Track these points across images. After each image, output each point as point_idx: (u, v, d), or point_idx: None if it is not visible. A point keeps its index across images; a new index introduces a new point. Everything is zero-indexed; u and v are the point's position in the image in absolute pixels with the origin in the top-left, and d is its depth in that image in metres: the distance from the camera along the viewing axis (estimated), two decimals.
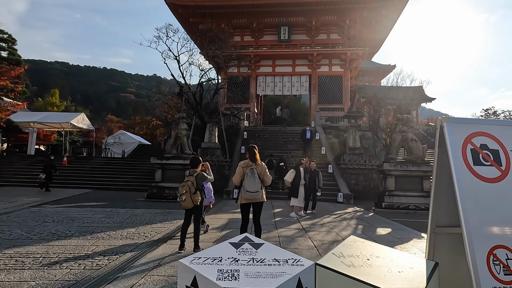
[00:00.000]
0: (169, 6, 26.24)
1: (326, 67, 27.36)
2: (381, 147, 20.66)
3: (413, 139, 13.21)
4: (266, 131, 22.57)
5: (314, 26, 27.01)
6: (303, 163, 10.78)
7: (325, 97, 27.04)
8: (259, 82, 27.86)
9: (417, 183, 12.90)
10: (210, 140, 19.45)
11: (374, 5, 25.03)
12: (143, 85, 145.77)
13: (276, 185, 16.61)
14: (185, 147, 14.22)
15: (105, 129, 51.30)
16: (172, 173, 14.06)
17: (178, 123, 14.33)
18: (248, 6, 25.85)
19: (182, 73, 19.33)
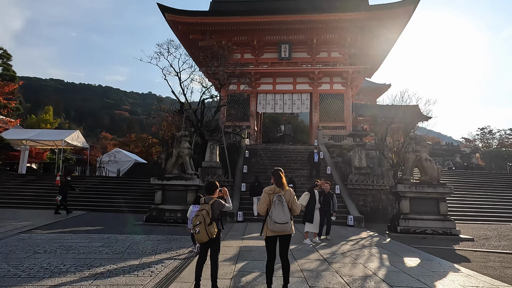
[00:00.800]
0: (169, 23, 25.98)
1: (327, 85, 27.08)
2: (388, 167, 20.08)
3: (427, 159, 12.62)
4: (268, 150, 21.92)
5: (315, 44, 26.88)
6: (318, 185, 10.09)
7: (326, 115, 26.62)
8: (259, 99, 27.42)
9: (433, 205, 12.22)
10: (211, 159, 18.73)
11: (375, 23, 25.02)
12: (138, 103, 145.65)
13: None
14: (187, 166, 13.47)
15: (99, 146, 50.32)
16: (173, 194, 13.25)
17: (180, 141, 13.64)
18: (248, 23, 25.71)
19: (183, 89, 18.80)
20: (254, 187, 15.51)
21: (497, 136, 59.44)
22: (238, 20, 25.37)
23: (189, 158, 13.64)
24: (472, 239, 11.01)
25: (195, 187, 13.29)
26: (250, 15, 25.24)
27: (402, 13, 24.64)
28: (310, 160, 18.27)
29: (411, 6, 24.26)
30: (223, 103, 22.59)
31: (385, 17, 24.97)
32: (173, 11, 25.26)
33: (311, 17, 25.15)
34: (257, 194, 15.59)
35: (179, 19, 25.34)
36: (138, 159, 34.99)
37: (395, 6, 24.56)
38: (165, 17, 25.57)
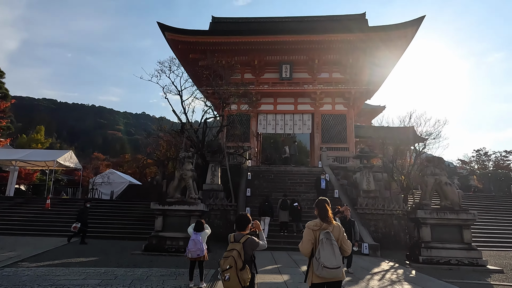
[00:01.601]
0: (169, 42, 25.57)
1: (329, 105, 26.64)
2: (398, 190, 19.33)
3: (447, 183, 11.90)
4: (271, 172, 21.07)
5: (316, 64, 26.63)
6: (341, 212, 9.27)
7: (329, 136, 26.01)
8: (259, 120, 26.81)
9: (455, 233, 11.40)
10: (213, 181, 17.81)
11: (377, 44, 24.86)
12: (131, 123, 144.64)
13: (291, 227, 15.00)
14: (191, 190, 12.53)
15: (92, 167, 48.90)
16: (175, 220, 12.22)
17: (183, 163, 12.75)
18: (249, 43, 25.41)
19: (184, 108, 18.06)
20: (264, 206, 14.72)
21: (493, 158, 59.49)
22: (239, 40, 25.07)
23: (192, 181, 12.72)
24: (502, 270, 10.15)
25: (199, 212, 12.31)
26: (251, 35, 24.99)
27: (401, 36, 24.60)
28: (317, 186, 16.94)
29: (409, 29, 24.25)
30: (226, 123, 21.90)
31: (385, 39, 24.87)
32: (173, 30, 24.91)
33: (311, 37, 24.98)
34: (266, 214, 14.71)
35: (179, 38, 24.95)
36: (132, 181, 33.77)
37: (393, 29, 24.53)
38: (165, 36, 25.18)
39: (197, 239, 7.03)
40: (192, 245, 6.94)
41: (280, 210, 14.90)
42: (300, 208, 14.85)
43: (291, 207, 14.75)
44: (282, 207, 14.94)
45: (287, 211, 14.87)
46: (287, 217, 14.86)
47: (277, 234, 14.66)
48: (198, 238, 7.04)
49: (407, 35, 24.49)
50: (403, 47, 25.40)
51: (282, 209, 14.90)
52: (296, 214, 14.72)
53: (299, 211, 14.77)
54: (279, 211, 14.94)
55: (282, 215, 14.90)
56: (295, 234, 14.62)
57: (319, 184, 16.89)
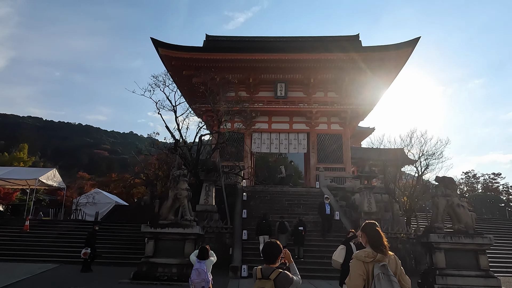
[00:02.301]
0: (162, 58, 25.00)
1: (324, 125, 26.19)
2: (399, 213, 18.65)
3: (459, 205, 11.26)
4: (267, 192, 20.18)
5: (311, 83, 26.35)
6: (357, 236, 8.39)
7: (324, 156, 25.41)
8: (254, 138, 26.09)
9: (471, 258, 10.66)
10: (207, 201, 16.82)
11: (373, 65, 24.81)
12: (119, 142, 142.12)
13: (291, 252, 13.95)
14: (186, 211, 11.55)
15: (76, 187, 46.99)
16: (168, 244, 11.16)
17: (178, 181, 11.82)
18: (244, 61, 25.03)
19: (178, 124, 17.22)
20: (262, 225, 13.88)
21: (481, 180, 59.89)
22: (234, 57, 24.68)
23: (187, 202, 11.76)
24: None
25: (194, 236, 11.30)
26: (246, 52, 24.65)
27: (397, 56, 24.62)
28: (321, 211, 15.65)
29: (404, 50, 24.29)
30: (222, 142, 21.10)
31: (380, 59, 24.85)
32: (167, 46, 24.39)
33: (306, 56, 24.77)
34: (265, 233, 13.78)
35: (173, 54, 24.41)
36: (119, 201, 32.25)
37: (389, 49, 24.52)
38: (159, 52, 24.63)
39: (201, 268, 6.07)
40: (195, 275, 5.98)
41: (278, 233, 13.97)
42: (304, 233, 13.98)
43: (295, 231, 13.85)
44: (280, 230, 14.05)
45: (285, 234, 13.99)
46: (285, 241, 13.93)
47: None
48: (202, 267, 6.09)
49: (402, 56, 24.52)
50: (398, 68, 25.42)
51: (280, 232, 13.99)
52: (299, 238, 13.84)
53: (303, 235, 13.90)
54: (277, 235, 14.00)
55: (281, 239, 13.94)
56: (296, 258, 13.69)
57: (323, 209, 15.63)
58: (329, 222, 15.58)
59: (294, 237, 13.90)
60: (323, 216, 15.47)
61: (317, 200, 19.08)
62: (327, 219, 15.50)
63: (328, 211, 15.48)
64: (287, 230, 14.06)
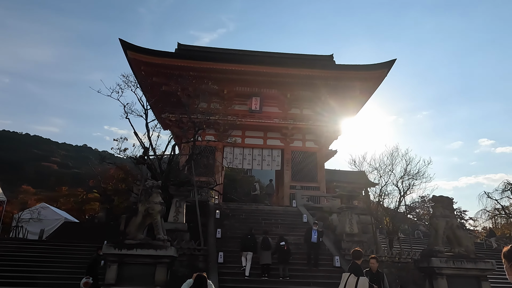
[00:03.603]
0: (131, 63, 23.12)
1: (299, 142, 25.45)
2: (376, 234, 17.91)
3: (459, 227, 10.60)
4: (241, 210, 18.65)
5: (287, 99, 25.68)
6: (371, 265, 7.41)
7: (298, 174, 24.51)
8: (226, 153, 24.64)
9: (473, 285, 9.90)
10: (177, 219, 15.00)
11: (348, 84, 24.75)
12: (71, 155, 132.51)
13: (276, 271, 12.61)
14: (159, 229, 9.77)
15: (18, 202, 42.04)
16: (136, 270, 9.29)
17: (150, 194, 10.07)
18: (220, 71, 23.84)
19: (149, 131, 15.39)
20: (247, 240, 12.66)
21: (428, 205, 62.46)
22: (209, 66, 23.43)
23: (160, 218, 10.01)
24: None
25: (168, 259, 9.54)
26: (223, 62, 23.55)
27: (372, 77, 24.79)
28: (307, 239, 13.53)
29: (380, 71, 24.50)
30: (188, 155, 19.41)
31: (356, 79, 24.86)
32: (137, 49, 22.62)
33: (283, 70, 24.17)
34: (250, 249, 12.51)
35: (143, 59, 22.66)
36: (69, 218, 28.82)
37: (366, 69, 24.66)
38: (127, 55, 22.76)
39: None
40: None
41: (261, 250, 12.62)
42: (287, 249, 12.68)
43: (277, 247, 12.58)
44: (263, 246, 12.66)
45: (269, 251, 12.64)
46: (269, 259, 12.57)
47: (258, 279, 12.30)
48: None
49: (377, 77, 24.72)
50: (373, 88, 25.59)
51: (264, 249, 12.62)
52: (283, 256, 12.52)
53: (286, 252, 12.61)
54: (260, 252, 12.66)
55: (264, 256, 12.56)
56: (281, 279, 12.33)
57: (309, 236, 13.52)
58: (316, 252, 13.49)
59: (278, 255, 12.62)
60: (309, 243, 13.52)
61: (295, 219, 17.95)
62: (314, 249, 13.47)
63: (314, 239, 13.41)
64: (270, 247, 12.73)
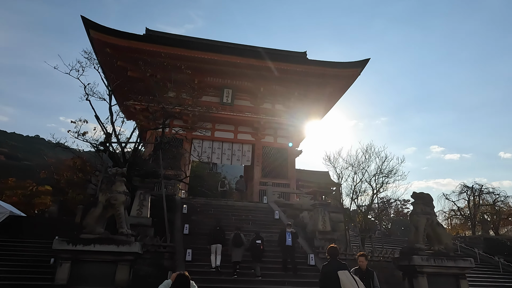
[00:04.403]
0: (94, 44, 21.18)
1: (271, 137, 24.83)
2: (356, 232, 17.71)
3: (439, 224, 10.39)
4: (210, 206, 17.62)
5: (260, 93, 24.98)
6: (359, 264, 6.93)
7: (269, 171, 23.88)
8: (194, 146, 23.43)
9: (452, 284, 9.69)
10: (140, 213, 13.73)
11: (323, 81, 24.50)
12: (21, 146, 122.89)
13: (247, 270, 11.89)
14: (122, 222, 8.59)
15: None
16: (93, 269, 8.06)
17: (114, 182, 8.85)
18: (190, 59, 22.48)
19: (112, 115, 13.92)
20: (215, 232, 11.98)
21: (393, 205, 65.08)
22: (180, 53, 22.08)
23: (124, 210, 8.83)
24: None
25: (132, 256, 8.40)
26: (194, 50, 22.32)
27: (346, 75, 24.67)
28: (281, 242, 12.43)
29: (354, 70, 24.44)
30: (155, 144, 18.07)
31: (330, 76, 24.60)
32: (101, 29, 20.78)
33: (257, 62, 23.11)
34: (218, 241, 11.80)
35: (108, 40, 20.87)
36: (15, 211, 26.10)
37: (340, 66, 24.44)
38: (90, 35, 20.85)
39: None
40: None
41: (233, 247, 11.82)
42: (263, 248, 11.95)
43: (253, 245, 11.84)
44: (235, 243, 11.85)
45: (241, 248, 11.86)
46: (240, 256, 11.79)
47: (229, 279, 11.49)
48: None
49: (350, 76, 24.62)
50: (345, 88, 25.52)
51: (235, 245, 11.81)
52: (257, 254, 11.78)
53: (262, 250, 11.87)
54: (231, 248, 11.85)
55: (235, 253, 11.75)
56: (253, 279, 11.59)
57: (283, 239, 12.38)
58: (292, 257, 12.29)
59: (251, 252, 11.86)
60: (283, 247, 12.33)
61: (267, 216, 17.26)
62: (288, 252, 12.26)
63: (289, 242, 12.27)
64: (242, 244, 11.92)
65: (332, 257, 6.71)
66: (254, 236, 12.18)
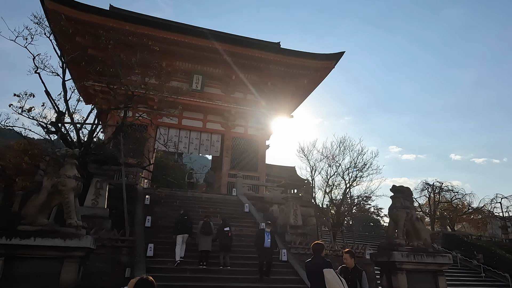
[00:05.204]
0: (49, 15, 18.90)
1: (241, 128, 23.87)
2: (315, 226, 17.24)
3: (418, 219, 10.00)
4: (175, 197, 16.40)
5: (232, 81, 23.87)
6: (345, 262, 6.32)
7: (238, 162, 22.93)
8: (159, 134, 21.92)
9: (430, 281, 9.33)
10: (96, 203, 12.32)
11: (296, 72, 23.85)
12: None
13: (216, 259, 11.01)
14: (71, 212, 7.29)
15: None
16: (34, 267, 6.73)
17: (63, 165, 7.52)
18: (158, 40, 20.76)
19: (66, 91, 12.27)
20: (182, 222, 11.10)
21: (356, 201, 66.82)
22: (147, 32, 20.41)
23: (75, 197, 7.53)
24: None
25: (82, 252, 7.16)
26: (163, 30, 20.80)
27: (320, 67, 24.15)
28: (259, 243, 10.97)
29: (328, 62, 23.99)
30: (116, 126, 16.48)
31: (303, 67, 23.96)
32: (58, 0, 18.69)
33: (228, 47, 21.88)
34: (185, 231, 10.94)
35: (66, 12, 18.78)
36: None
37: (315, 57, 23.86)
38: (44, 4, 18.69)
39: None
40: None
41: (201, 235, 10.96)
42: (231, 235, 11.21)
43: (220, 232, 11.09)
44: (204, 231, 10.97)
45: (210, 236, 11.01)
46: (209, 245, 10.92)
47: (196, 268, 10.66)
48: None
49: (324, 68, 24.15)
50: (318, 80, 25.05)
51: (204, 233, 10.94)
52: (226, 242, 11.00)
53: (230, 238, 11.12)
54: (199, 237, 11.01)
55: (203, 241, 10.86)
56: (221, 268, 10.74)
57: (261, 239, 10.97)
58: (268, 260, 10.90)
59: (219, 241, 11.10)
60: (261, 249, 10.89)
61: (236, 209, 16.35)
62: (265, 254, 10.84)
63: (267, 243, 10.93)
64: (211, 232, 11.11)
65: (316, 254, 6.22)
66: (221, 223, 11.36)
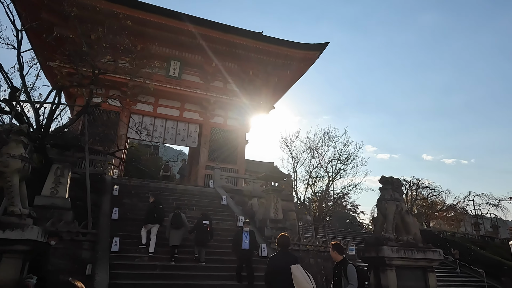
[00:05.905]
0: None
1: (221, 118, 22.81)
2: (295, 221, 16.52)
3: (408, 212, 9.37)
4: (147, 188, 15.23)
5: (211, 69, 22.72)
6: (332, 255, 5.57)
7: (216, 154, 21.89)
8: (132, 122, 20.52)
9: (419, 278, 8.73)
10: (56, 192, 11.00)
11: (280, 62, 23.02)
12: None
13: (190, 255, 10.24)
14: (14, 198, 6.12)
15: None
16: None
17: (7, 142, 6.32)
18: (133, 20, 19.33)
19: (22, 66, 10.86)
20: (154, 210, 10.24)
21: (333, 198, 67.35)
22: (121, 11, 18.82)
23: (20, 181, 6.35)
24: None
25: (25, 245, 6.01)
26: (138, 9, 19.42)
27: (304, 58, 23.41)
28: (237, 244, 9.79)
29: (312, 52, 23.25)
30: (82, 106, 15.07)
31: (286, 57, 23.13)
32: None
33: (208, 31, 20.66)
34: (158, 220, 10.20)
35: None
36: None
37: (298, 47, 22.99)
38: None
39: None
40: None
41: (171, 229, 10.00)
42: (210, 229, 10.30)
43: (198, 225, 10.13)
44: (174, 224, 10.00)
45: (181, 230, 10.10)
46: (180, 240, 10.02)
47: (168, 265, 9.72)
48: None
49: (307, 58, 23.43)
50: (302, 71, 24.36)
51: (174, 227, 9.98)
52: (203, 237, 10.07)
53: (208, 232, 10.25)
54: (170, 230, 10.05)
55: (174, 236, 9.91)
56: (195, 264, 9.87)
57: (239, 240, 9.77)
58: (248, 261, 9.77)
59: (196, 234, 10.12)
60: (239, 251, 9.76)
61: (213, 202, 15.37)
62: (245, 256, 9.74)
63: (246, 245, 9.75)
64: (183, 225, 10.17)
65: (282, 248, 5.60)
66: (201, 216, 10.39)
